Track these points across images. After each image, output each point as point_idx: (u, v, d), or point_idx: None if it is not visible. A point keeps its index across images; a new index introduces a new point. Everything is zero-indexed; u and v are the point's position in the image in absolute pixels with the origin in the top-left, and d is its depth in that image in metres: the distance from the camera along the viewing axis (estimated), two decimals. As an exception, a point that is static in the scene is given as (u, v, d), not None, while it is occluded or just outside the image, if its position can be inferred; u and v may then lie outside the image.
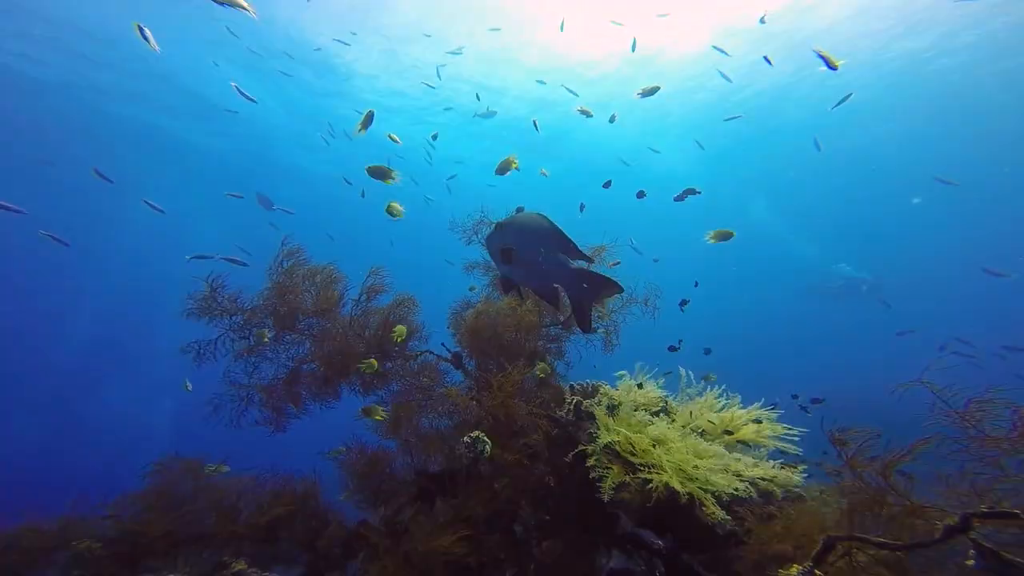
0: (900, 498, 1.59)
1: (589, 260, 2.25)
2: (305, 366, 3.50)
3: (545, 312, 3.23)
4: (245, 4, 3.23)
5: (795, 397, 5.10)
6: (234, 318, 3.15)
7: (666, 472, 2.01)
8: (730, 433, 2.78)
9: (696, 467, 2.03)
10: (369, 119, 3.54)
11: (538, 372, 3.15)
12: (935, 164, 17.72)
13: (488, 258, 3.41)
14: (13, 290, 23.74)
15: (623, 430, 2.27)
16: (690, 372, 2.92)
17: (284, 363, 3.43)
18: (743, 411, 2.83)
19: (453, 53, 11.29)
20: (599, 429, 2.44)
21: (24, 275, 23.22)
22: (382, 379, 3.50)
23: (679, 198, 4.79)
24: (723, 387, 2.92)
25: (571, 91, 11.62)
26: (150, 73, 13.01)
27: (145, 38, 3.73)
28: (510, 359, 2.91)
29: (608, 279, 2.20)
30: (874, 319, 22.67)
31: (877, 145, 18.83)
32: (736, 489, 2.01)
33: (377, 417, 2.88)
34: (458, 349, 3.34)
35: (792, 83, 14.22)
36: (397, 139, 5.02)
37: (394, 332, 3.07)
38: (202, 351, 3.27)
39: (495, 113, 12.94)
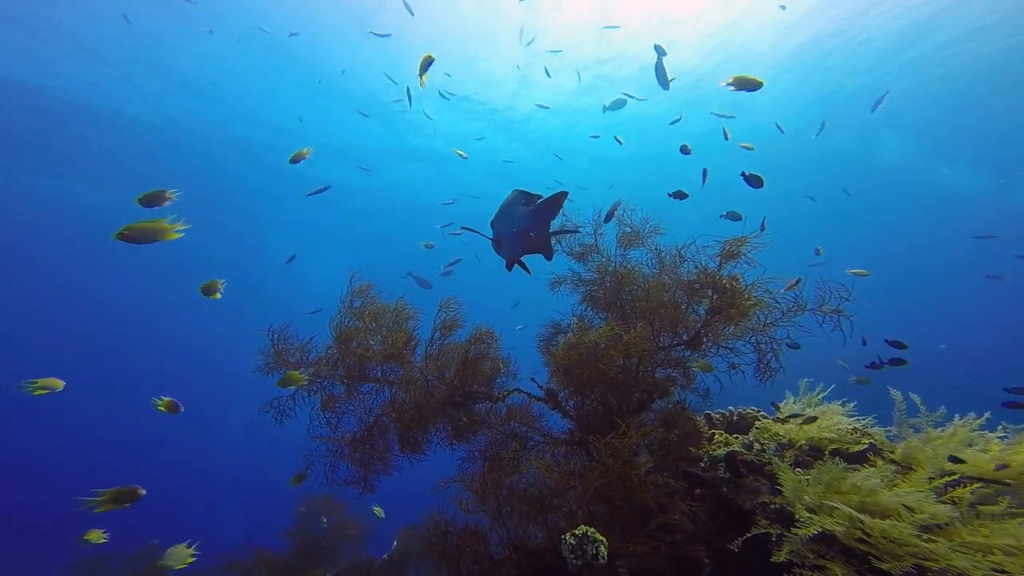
0: None
1: (539, 196, 2.36)
2: (385, 417, 3.12)
3: (662, 330, 2.40)
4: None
5: None
6: (301, 372, 2.87)
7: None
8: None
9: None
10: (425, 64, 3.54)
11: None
12: None
13: (576, 271, 3.23)
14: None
15: (841, 506, 1.36)
16: (914, 395, 1.87)
17: (363, 416, 3.08)
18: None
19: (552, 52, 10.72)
20: (792, 504, 1.55)
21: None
22: (471, 427, 2.99)
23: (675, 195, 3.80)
24: (974, 413, 1.82)
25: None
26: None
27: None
28: (619, 395, 2.15)
29: (555, 193, 2.25)
30: None
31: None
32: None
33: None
34: (551, 385, 2.66)
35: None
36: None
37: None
38: (282, 408, 3.08)
39: (626, 101, 11.72)
